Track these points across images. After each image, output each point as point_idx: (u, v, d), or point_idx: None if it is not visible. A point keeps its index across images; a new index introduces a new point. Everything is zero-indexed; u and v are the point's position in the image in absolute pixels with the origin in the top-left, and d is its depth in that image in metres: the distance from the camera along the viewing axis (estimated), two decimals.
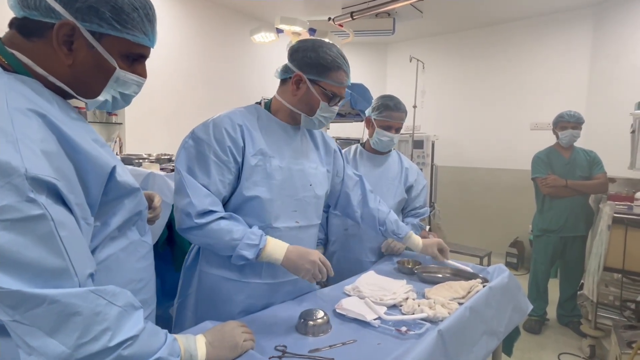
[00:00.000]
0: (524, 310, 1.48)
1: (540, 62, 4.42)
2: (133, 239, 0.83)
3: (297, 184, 1.27)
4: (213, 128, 1.14)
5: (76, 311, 0.59)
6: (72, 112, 0.74)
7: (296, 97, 1.22)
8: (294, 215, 1.26)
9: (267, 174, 1.19)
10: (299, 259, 1.14)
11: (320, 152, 1.42)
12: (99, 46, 0.73)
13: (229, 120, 1.17)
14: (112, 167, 0.72)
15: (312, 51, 1.18)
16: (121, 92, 0.80)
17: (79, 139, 0.67)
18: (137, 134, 3.63)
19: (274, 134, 1.25)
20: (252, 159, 1.17)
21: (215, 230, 1.10)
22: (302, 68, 1.19)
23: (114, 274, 0.77)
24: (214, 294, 1.22)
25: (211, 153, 1.12)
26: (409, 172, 1.93)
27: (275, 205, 1.21)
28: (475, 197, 4.90)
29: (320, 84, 1.19)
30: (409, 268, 1.62)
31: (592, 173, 2.78)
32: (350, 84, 3.67)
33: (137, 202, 0.81)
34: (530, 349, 2.63)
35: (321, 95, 1.21)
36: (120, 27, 0.73)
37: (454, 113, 5.06)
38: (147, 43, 0.79)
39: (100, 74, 0.76)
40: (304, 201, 1.29)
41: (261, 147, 1.20)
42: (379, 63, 5.71)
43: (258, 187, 1.18)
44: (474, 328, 1.18)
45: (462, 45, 4.98)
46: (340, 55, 1.21)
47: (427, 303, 1.24)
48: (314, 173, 1.34)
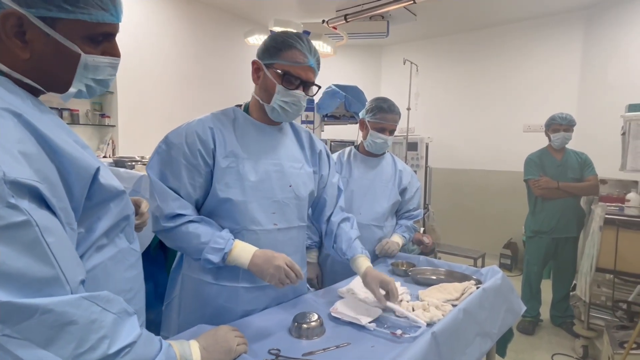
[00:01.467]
0: (517, 312, 1.49)
1: (533, 65, 4.47)
2: (121, 246, 0.79)
3: (275, 185, 1.24)
4: (186, 132, 1.14)
5: (71, 320, 0.55)
6: (49, 113, 0.70)
7: (257, 85, 1.22)
8: (272, 217, 1.23)
9: (239, 175, 1.17)
10: (264, 263, 1.10)
11: (306, 151, 1.38)
12: (54, 33, 0.65)
13: (201, 123, 1.17)
14: (95, 168, 0.68)
15: (267, 38, 1.19)
16: (94, 78, 0.74)
17: (58, 140, 0.63)
18: (130, 136, 3.60)
19: (249, 135, 1.23)
20: (222, 161, 1.16)
21: (183, 234, 1.11)
22: (258, 55, 1.19)
23: (102, 285, 0.73)
24: (195, 297, 1.22)
25: (181, 157, 1.12)
26: (402, 175, 1.93)
27: (250, 207, 1.18)
28: (469, 198, 4.92)
29: (273, 65, 1.16)
30: (403, 270, 1.63)
31: (583, 175, 2.81)
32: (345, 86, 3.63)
33: (123, 206, 0.77)
34: (523, 350, 2.65)
35: (275, 77, 1.16)
36: (71, 7, 0.65)
37: (448, 115, 5.10)
38: (110, 19, 0.71)
39: (65, 64, 0.69)
40: (282, 203, 1.25)
41: (232, 148, 1.18)
42: (373, 65, 5.73)
43: (231, 189, 1.16)
44: (467, 330, 1.18)
45: (456, 48, 5.01)
46: (297, 36, 1.17)
47: (421, 305, 1.24)
48: (297, 173, 1.30)
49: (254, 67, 1.20)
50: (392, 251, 1.79)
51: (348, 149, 2.00)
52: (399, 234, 1.89)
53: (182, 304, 1.24)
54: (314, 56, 1.20)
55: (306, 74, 1.18)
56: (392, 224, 1.92)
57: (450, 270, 1.59)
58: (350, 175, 1.90)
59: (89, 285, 0.70)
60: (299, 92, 1.19)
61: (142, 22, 3.68)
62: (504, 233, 4.55)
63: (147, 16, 3.74)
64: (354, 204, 1.85)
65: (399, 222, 1.95)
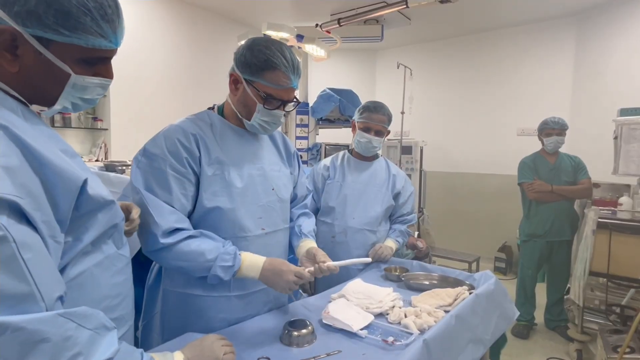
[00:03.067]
0: (510, 317, 1.48)
1: (526, 69, 4.50)
2: (109, 252, 0.79)
3: (259, 190, 1.22)
4: (165, 141, 1.08)
5: (43, 337, 0.54)
6: (39, 122, 0.70)
7: (235, 97, 1.17)
8: (259, 222, 1.22)
9: (226, 182, 1.14)
10: (274, 276, 1.11)
11: (282, 153, 1.37)
12: (47, 53, 0.66)
13: (181, 130, 1.11)
14: (83, 180, 0.68)
15: (248, 49, 1.11)
16: (82, 97, 0.74)
17: (45, 152, 0.63)
18: (123, 140, 3.57)
19: (229, 141, 1.19)
20: (208, 169, 1.12)
21: (185, 252, 1.05)
22: (238, 67, 1.13)
23: (87, 291, 0.73)
24: (182, 312, 1.17)
25: (167, 167, 1.06)
26: (396, 179, 1.92)
27: (239, 215, 1.16)
28: (463, 202, 4.93)
29: (254, 84, 1.11)
30: (396, 275, 1.62)
31: (577, 178, 2.82)
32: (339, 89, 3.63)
33: (111, 215, 0.77)
34: (518, 354, 2.64)
35: (257, 97, 1.12)
36: (68, 32, 0.65)
37: (443, 119, 5.11)
38: (106, 45, 0.71)
39: (53, 82, 0.69)
40: (268, 207, 1.24)
41: (217, 155, 1.14)
42: (368, 69, 5.74)
43: (218, 198, 1.13)
44: (460, 336, 1.17)
45: (450, 52, 5.04)
46: (280, 54, 1.10)
47: (414, 311, 1.23)
48: (277, 176, 1.29)
49: (232, 79, 1.16)
50: (386, 256, 1.78)
51: (341, 153, 2.00)
52: (393, 238, 1.88)
53: (165, 321, 1.20)
54: (297, 74, 1.15)
55: (288, 95, 1.16)
56: (385, 229, 1.92)
57: (443, 276, 1.58)
58: (344, 180, 1.89)
59: (76, 292, 0.70)
60: (279, 111, 1.17)
61: (135, 26, 3.66)
62: (498, 236, 4.55)
63: (140, 19, 3.72)
64: (347, 208, 1.84)
65: (393, 227, 1.94)
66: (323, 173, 1.92)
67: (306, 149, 4.65)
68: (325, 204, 1.87)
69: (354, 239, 1.82)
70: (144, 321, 1.25)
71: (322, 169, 1.94)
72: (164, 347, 0.99)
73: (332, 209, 1.85)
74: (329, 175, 1.91)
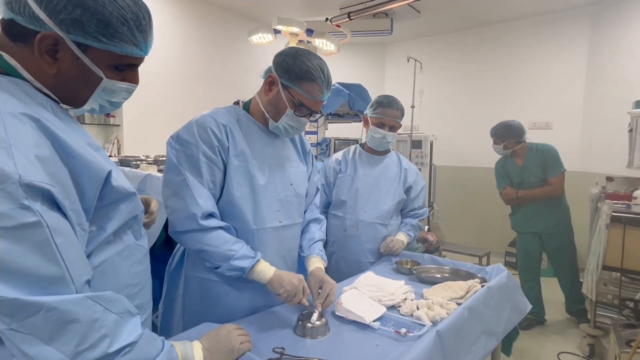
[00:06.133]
0: (522, 310, 1.48)
1: (538, 61, 4.43)
2: (128, 242, 0.82)
3: (279, 184, 1.28)
4: (197, 129, 1.13)
5: (74, 318, 0.58)
6: (66, 116, 0.73)
7: (267, 97, 1.22)
8: (277, 215, 1.27)
9: (249, 175, 1.20)
10: (283, 278, 1.15)
11: (299, 151, 1.42)
12: (84, 58, 0.70)
13: (213, 120, 1.16)
14: (107, 171, 0.71)
15: (291, 57, 1.17)
16: (109, 100, 0.78)
17: (73, 144, 0.66)
18: (135, 135, 3.62)
19: (253, 136, 1.25)
20: (234, 160, 1.17)
21: (214, 238, 1.11)
22: (277, 71, 1.18)
23: (109, 279, 0.76)
24: (202, 297, 1.22)
25: (200, 154, 1.11)
26: (408, 173, 1.92)
27: (260, 206, 1.22)
28: (474, 196, 4.90)
29: (290, 90, 1.17)
30: (408, 268, 1.62)
31: (545, 177, 2.82)
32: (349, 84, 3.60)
33: (133, 206, 0.80)
34: (529, 349, 2.63)
35: (289, 102, 1.18)
36: (106, 40, 0.70)
37: (453, 113, 5.07)
38: (138, 53, 0.77)
39: (86, 84, 0.74)
40: (286, 201, 1.29)
41: (242, 147, 1.19)
42: (377, 63, 5.70)
43: (242, 188, 1.18)
44: (472, 328, 1.17)
45: (460, 45, 4.98)
46: (320, 68, 1.17)
47: (426, 304, 1.24)
48: (295, 172, 1.35)
49: (268, 79, 1.20)
50: (397, 249, 1.79)
51: (353, 147, 2.00)
52: (404, 232, 1.89)
53: (186, 305, 1.24)
54: (328, 89, 1.22)
55: (316, 107, 1.22)
56: (397, 222, 1.92)
57: (455, 269, 1.58)
58: (355, 173, 1.90)
59: (98, 279, 0.74)
60: (305, 119, 1.24)
61: None
62: (509, 231, 4.46)
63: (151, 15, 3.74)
64: (358, 202, 1.85)
65: (404, 221, 1.94)
66: (335, 167, 1.94)
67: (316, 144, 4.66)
68: (337, 198, 1.89)
69: (365, 232, 1.83)
70: (164, 304, 1.30)
71: (333, 162, 1.95)
72: (183, 336, 1.01)
73: (344, 203, 1.86)
74: (340, 169, 1.92)
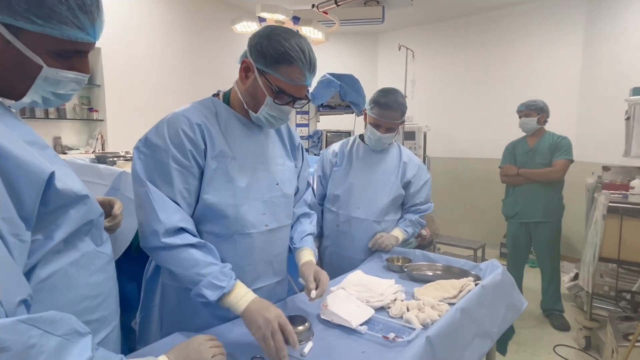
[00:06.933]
0: (518, 308, 1.41)
1: (533, 49, 4.35)
2: (85, 250, 0.74)
3: (263, 185, 1.16)
4: (168, 130, 1.01)
5: (3, 346, 0.49)
6: (3, 112, 0.65)
7: (244, 86, 1.09)
8: (262, 218, 1.15)
9: (229, 177, 1.08)
10: (256, 312, 0.95)
11: (287, 145, 1.30)
12: (16, 41, 0.61)
13: (186, 120, 1.03)
14: (49, 173, 0.62)
15: (265, 38, 1.02)
16: (54, 92, 0.69)
17: (8, 143, 0.58)
18: (119, 130, 3.51)
19: (234, 131, 1.12)
20: (212, 162, 1.05)
21: (181, 259, 0.98)
22: (252, 55, 1.04)
23: (62, 292, 0.68)
24: (180, 307, 1.13)
25: (170, 159, 0.99)
26: (407, 167, 1.80)
27: (242, 211, 1.10)
28: (468, 188, 4.85)
29: (267, 76, 1.03)
30: (399, 266, 1.55)
31: (552, 160, 2.80)
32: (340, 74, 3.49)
33: (85, 210, 0.71)
34: (525, 342, 2.60)
35: (267, 89, 1.05)
36: (41, 22, 0.61)
37: (447, 103, 4.99)
38: (83, 38, 0.67)
39: (23, 73, 0.64)
40: (271, 202, 1.18)
41: (221, 148, 1.07)
42: (369, 53, 5.60)
43: (220, 192, 1.06)
44: (465, 331, 1.11)
45: (455, 33, 4.88)
46: (299, 48, 1.03)
47: (416, 305, 1.17)
48: (281, 170, 1.23)
49: (243, 66, 1.07)
50: (387, 245, 1.71)
51: (352, 139, 1.90)
52: (402, 228, 1.79)
53: (163, 314, 1.16)
54: (313, 72, 1.09)
55: (300, 92, 1.09)
56: (393, 219, 1.82)
57: (447, 266, 1.52)
58: (351, 167, 1.81)
59: (47, 294, 0.66)
60: (288, 107, 1.10)
61: (126, 13, 3.56)
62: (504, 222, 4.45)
63: (132, 7, 3.61)
64: (352, 198, 1.77)
65: (404, 216, 1.84)
66: (331, 159, 1.85)
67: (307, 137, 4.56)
68: (331, 192, 1.82)
69: (358, 229, 1.76)
70: (141, 314, 1.21)
71: (330, 154, 1.87)
72: (153, 348, 0.94)
73: (337, 198, 1.79)
74: (336, 162, 1.84)
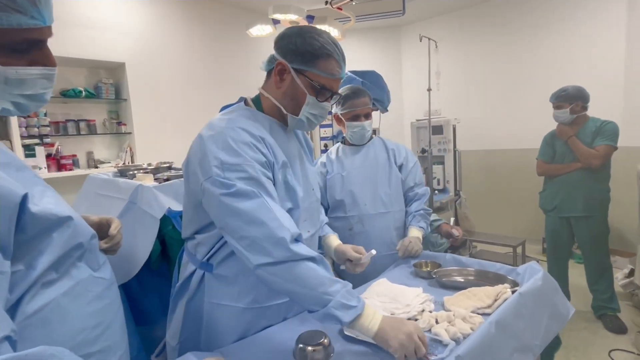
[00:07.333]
0: (564, 316, 1.27)
1: (570, 29, 4.03)
2: (80, 277, 0.69)
3: (304, 191, 1.12)
4: (239, 146, 0.94)
5: None
6: None
7: (280, 89, 1.05)
8: (305, 225, 1.12)
9: (289, 187, 1.06)
10: (392, 329, 0.90)
11: (305, 148, 1.27)
12: None
13: (247, 133, 0.98)
14: (21, 196, 0.58)
15: (298, 36, 1.01)
16: (23, 94, 0.63)
17: None
18: (147, 142, 3.59)
19: (281, 140, 1.08)
20: (278, 174, 1.03)
21: (306, 276, 0.88)
22: (286, 56, 1.02)
23: (55, 327, 0.63)
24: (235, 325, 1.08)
25: (259, 173, 0.94)
26: (396, 152, 1.83)
27: (300, 220, 1.08)
28: (504, 181, 4.58)
29: (306, 74, 1.02)
30: (427, 271, 1.45)
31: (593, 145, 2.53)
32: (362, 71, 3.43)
33: (70, 233, 0.67)
34: (576, 347, 2.39)
35: (308, 88, 1.03)
36: None
37: (476, 93, 4.74)
38: (32, 23, 0.59)
39: None
40: (310, 208, 1.15)
41: (283, 158, 1.05)
42: (392, 47, 5.44)
43: (285, 203, 1.04)
44: (502, 347, 0.99)
45: (483, 20, 4.63)
46: (332, 42, 1.03)
47: (446, 316, 1.07)
48: (312, 175, 1.22)
49: (277, 69, 1.03)
50: (417, 251, 1.60)
51: (335, 146, 1.93)
52: (415, 225, 1.72)
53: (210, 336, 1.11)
54: (345, 66, 1.08)
55: (337, 86, 1.08)
56: (401, 208, 1.80)
57: (481, 270, 1.39)
58: (344, 170, 1.80)
59: (38, 330, 0.61)
60: (327, 104, 1.08)
61: (147, 27, 3.66)
62: None
63: (151, 20, 3.70)
64: (356, 197, 1.75)
65: (409, 211, 1.79)
66: (321, 170, 1.85)
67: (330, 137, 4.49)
68: (332, 199, 1.79)
69: (371, 225, 1.73)
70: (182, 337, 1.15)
71: (319, 167, 1.87)
72: None
73: (341, 202, 1.76)
74: (327, 171, 1.84)
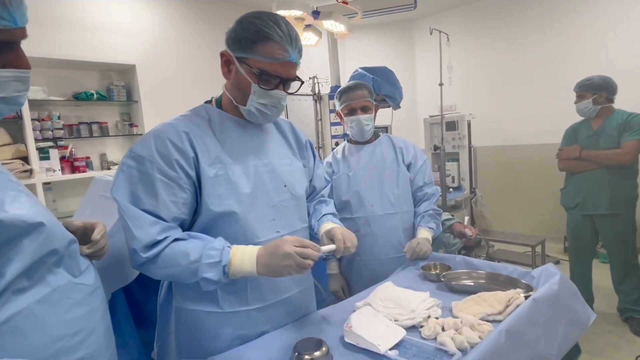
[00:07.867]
0: (584, 322, 1.18)
1: (589, 19, 3.85)
2: (58, 284, 0.67)
3: (269, 188, 1.09)
4: (155, 141, 0.96)
5: None
6: None
7: (229, 81, 1.05)
8: (272, 224, 1.08)
9: (231, 183, 1.01)
10: (271, 259, 0.92)
11: (292, 145, 1.23)
12: None
13: (172, 128, 0.98)
14: None
15: (237, 24, 0.99)
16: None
17: None
18: None
19: (230, 135, 1.06)
20: (209, 170, 0.99)
21: (169, 257, 0.92)
22: (229, 46, 1.01)
23: (27, 335, 0.61)
24: (197, 331, 1.06)
25: (155, 171, 0.94)
26: (404, 150, 1.76)
27: (249, 218, 1.03)
28: (522, 177, 4.42)
29: (247, 61, 0.98)
30: (436, 274, 1.38)
31: (620, 141, 2.36)
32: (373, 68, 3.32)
33: (42, 240, 0.64)
34: (600, 351, 2.26)
35: (250, 75, 0.98)
36: None
37: (491, 87, 4.60)
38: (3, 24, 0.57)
39: None
40: (281, 206, 1.10)
41: (217, 154, 1.01)
42: (405, 42, 5.33)
43: (225, 201, 1.00)
44: (513, 357, 0.92)
45: (498, 11, 4.48)
46: (274, 23, 0.96)
47: (453, 323, 1.01)
48: (289, 170, 1.15)
49: (223, 60, 1.03)
50: (425, 252, 1.54)
51: (341, 145, 1.87)
52: (424, 226, 1.65)
53: (180, 341, 1.10)
54: (295, 47, 1.00)
55: (287, 72, 1.01)
56: (410, 208, 1.73)
57: (492, 273, 1.32)
58: (350, 169, 1.74)
59: (8, 339, 0.59)
60: (279, 92, 1.03)
61: (156, 29, 3.70)
62: None
63: (161, 22, 3.75)
64: (363, 197, 1.69)
65: (418, 212, 1.72)
66: (327, 170, 1.79)
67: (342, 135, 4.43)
68: (339, 200, 1.72)
69: (379, 226, 1.67)
70: (158, 342, 1.17)
71: (325, 166, 1.81)
72: None
73: (348, 203, 1.70)
74: (333, 171, 1.78)
